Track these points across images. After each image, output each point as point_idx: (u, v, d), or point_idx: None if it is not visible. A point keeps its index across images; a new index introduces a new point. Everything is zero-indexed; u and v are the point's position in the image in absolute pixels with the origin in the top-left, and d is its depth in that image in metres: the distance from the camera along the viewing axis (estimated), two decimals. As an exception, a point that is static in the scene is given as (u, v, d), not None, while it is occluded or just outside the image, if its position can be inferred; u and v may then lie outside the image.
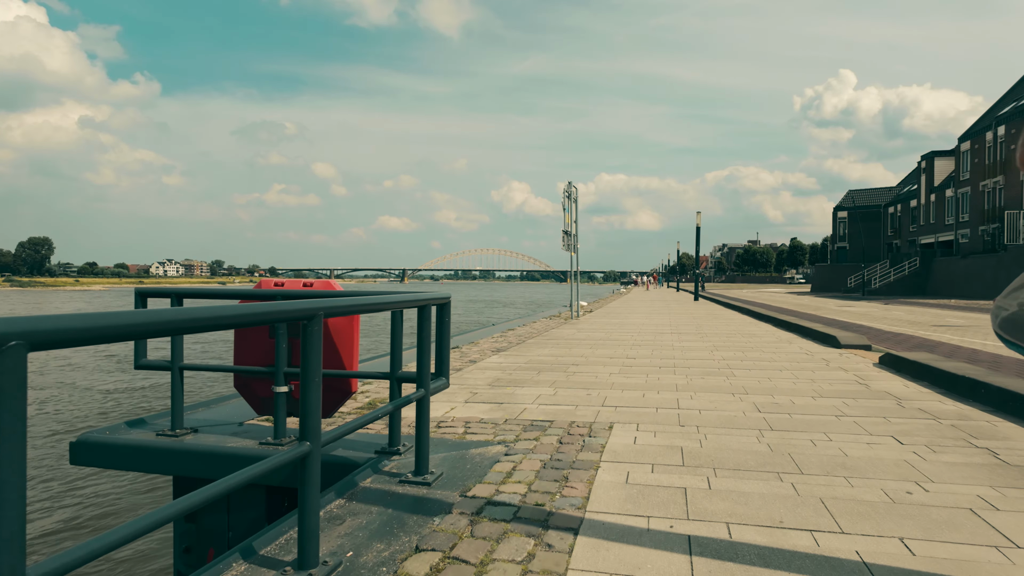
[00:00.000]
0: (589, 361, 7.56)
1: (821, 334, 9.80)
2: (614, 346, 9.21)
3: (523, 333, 11.54)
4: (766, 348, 8.92)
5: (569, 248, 15.63)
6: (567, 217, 15.47)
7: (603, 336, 10.87)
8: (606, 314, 17.95)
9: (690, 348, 8.95)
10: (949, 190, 42.58)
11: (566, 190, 15.29)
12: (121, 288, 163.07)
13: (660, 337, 10.69)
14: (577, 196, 16.90)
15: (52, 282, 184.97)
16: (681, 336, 10.91)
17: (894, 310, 21.20)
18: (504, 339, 10.37)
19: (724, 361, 7.49)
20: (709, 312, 19.12)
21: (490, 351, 8.61)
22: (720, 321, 14.90)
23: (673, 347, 9.05)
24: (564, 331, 11.94)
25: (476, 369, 6.86)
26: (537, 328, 12.79)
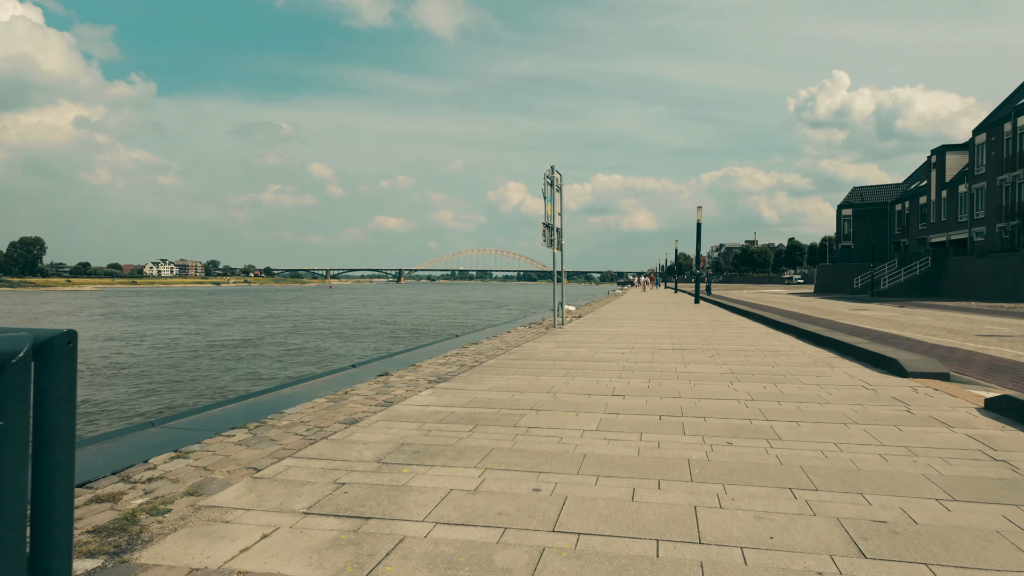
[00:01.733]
0: (558, 403, 5.22)
1: (870, 354, 7.48)
2: (598, 372, 6.87)
3: (487, 349, 9.21)
4: (804, 376, 6.58)
5: (552, 244, 13.30)
6: (549, 208, 13.14)
7: (586, 354, 8.55)
8: (596, 320, 15.62)
9: (700, 376, 6.61)
10: (963, 185, 40.33)
11: (547, 176, 12.96)
12: (113, 288, 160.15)
13: (659, 355, 8.36)
14: (562, 185, 14.56)
15: (43, 282, 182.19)
16: (685, 354, 8.58)
17: (917, 314, 18.89)
18: (458, 359, 8.05)
19: (754, 404, 5.16)
20: (714, 318, 16.80)
21: (427, 381, 6.29)
22: (730, 331, 12.57)
23: (677, 374, 6.72)
24: (539, 346, 9.61)
25: (383, 420, 4.53)
26: (509, 341, 10.47)
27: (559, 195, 14.37)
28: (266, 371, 16.31)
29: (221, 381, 14.72)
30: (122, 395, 12.79)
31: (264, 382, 13.65)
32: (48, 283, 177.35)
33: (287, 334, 29.73)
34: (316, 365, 17.89)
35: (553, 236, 13.22)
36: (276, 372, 16.26)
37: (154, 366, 17.90)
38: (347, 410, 4.86)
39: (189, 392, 13.14)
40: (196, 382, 14.57)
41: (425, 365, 7.41)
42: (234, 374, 15.87)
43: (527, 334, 11.73)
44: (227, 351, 21.31)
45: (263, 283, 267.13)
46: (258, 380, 14.60)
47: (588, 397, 5.41)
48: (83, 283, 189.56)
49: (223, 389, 13.45)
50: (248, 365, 17.57)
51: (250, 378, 15.03)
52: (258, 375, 15.58)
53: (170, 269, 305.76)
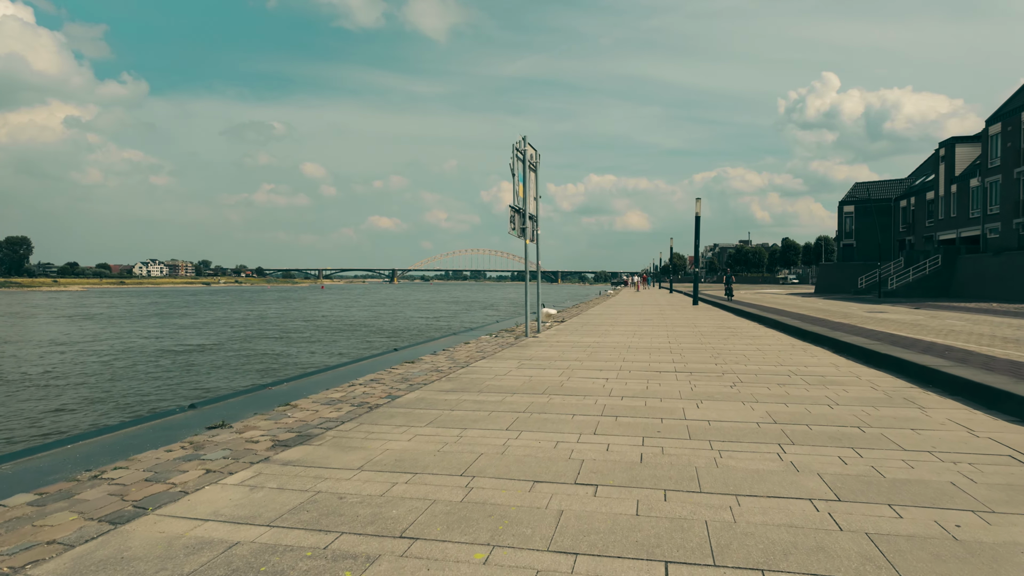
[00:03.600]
0: (464, 514, 2.70)
1: (966, 383, 5.00)
2: (561, 422, 4.37)
3: (420, 372, 6.70)
4: (896, 431, 4.09)
5: (524, 234, 10.79)
6: (519, 188, 10.64)
7: (554, 381, 6.04)
8: (580, 326, 13.12)
9: (726, 432, 4.11)
10: (974, 179, 38.06)
11: (517, 149, 10.45)
12: (99, 289, 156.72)
13: (657, 383, 5.86)
14: (538, 163, 12.05)
15: (30, 282, 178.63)
16: (694, 380, 6.08)
17: (943, 317, 16.42)
18: (365, 390, 5.53)
19: (851, 516, 2.64)
20: (719, 323, 14.32)
21: (270, 443, 3.77)
22: (743, 341, 10.09)
23: (688, 427, 4.22)
24: (495, 366, 7.11)
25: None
26: (459, 357, 7.96)
27: (534, 176, 11.86)
28: (195, 385, 13.74)
29: (114, 403, 12.12)
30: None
31: (152, 404, 11.14)
32: (34, 283, 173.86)
33: (254, 339, 27.20)
34: (263, 374, 15.36)
35: (524, 224, 10.70)
36: (210, 384, 13.72)
37: (72, 377, 15.30)
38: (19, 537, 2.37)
39: (69, 416, 10.55)
40: (92, 404, 11.99)
41: (303, 405, 4.89)
42: (150, 390, 13.27)
43: (488, 346, 9.24)
44: (173, 359, 18.72)
45: (254, 283, 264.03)
46: (168, 397, 12.05)
47: (528, 492, 2.89)
48: (70, 283, 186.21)
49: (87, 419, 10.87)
50: (179, 378, 14.98)
51: (168, 396, 12.47)
52: (178, 391, 13.00)
53: (160, 269, 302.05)
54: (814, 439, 3.80)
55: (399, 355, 8.38)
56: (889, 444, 3.69)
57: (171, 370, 16.29)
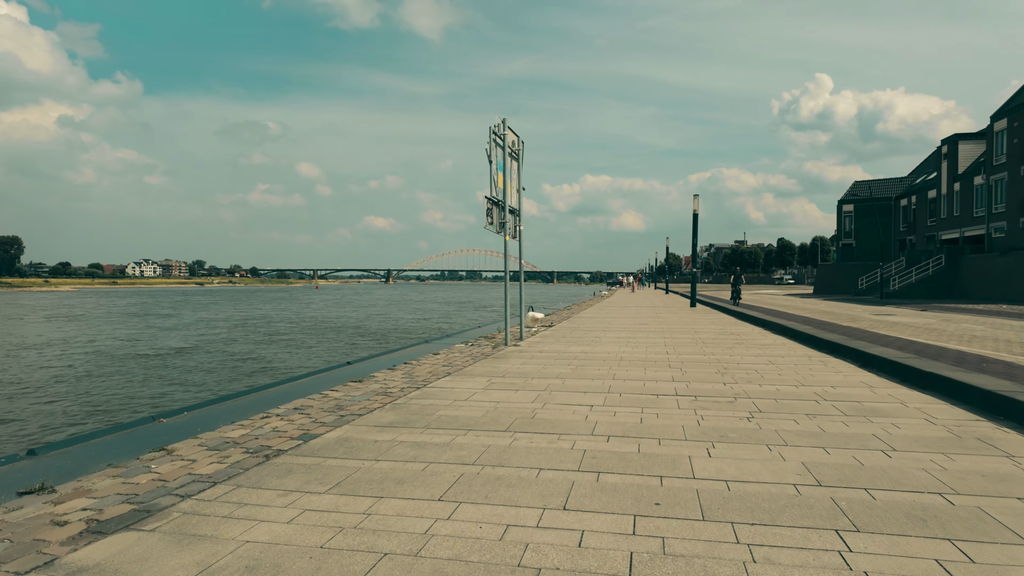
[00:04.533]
0: None
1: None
2: (521, 483, 3.14)
3: (363, 394, 5.44)
4: (997, 508, 2.88)
5: (502, 229, 9.55)
6: (499, 178, 9.40)
7: (526, 410, 4.81)
8: (569, 332, 11.90)
9: (754, 500, 2.89)
10: (979, 177, 37.01)
11: (496, 132, 9.21)
12: (91, 289, 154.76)
13: (654, 413, 4.64)
14: (521, 151, 10.83)
15: (20, 282, 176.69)
16: (702, 408, 4.86)
17: (958, 321, 15.27)
18: (279, 426, 4.29)
19: None
20: (721, 328, 13.12)
21: (83, 525, 2.53)
22: (752, 351, 8.88)
23: (698, 490, 3.00)
24: (459, 386, 5.87)
25: None
26: (419, 373, 6.72)
27: (517, 165, 10.64)
28: (135, 399, 12.43)
29: (55, 419, 10.81)
30: None
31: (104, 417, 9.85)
32: (25, 283, 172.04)
33: (231, 342, 25.92)
34: (228, 381, 14.10)
35: (504, 218, 9.46)
36: (156, 397, 12.43)
37: (21, 385, 13.98)
38: None
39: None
40: (25, 420, 10.68)
41: (181, 450, 3.64)
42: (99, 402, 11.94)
43: (459, 357, 8.00)
44: (134, 365, 17.42)
45: (248, 283, 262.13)
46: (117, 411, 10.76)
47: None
48: (61, 283, 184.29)
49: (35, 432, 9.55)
50: (123, 390, 13.67)
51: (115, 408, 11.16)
52: (102, 409, 11.69)
53: (153, 269, 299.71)
54: (885, 519, 2.58)
55: (350, 370, 7.14)
56: (1001, 532, 2.47)
57: (122, 380, 14.99)
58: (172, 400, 11.75)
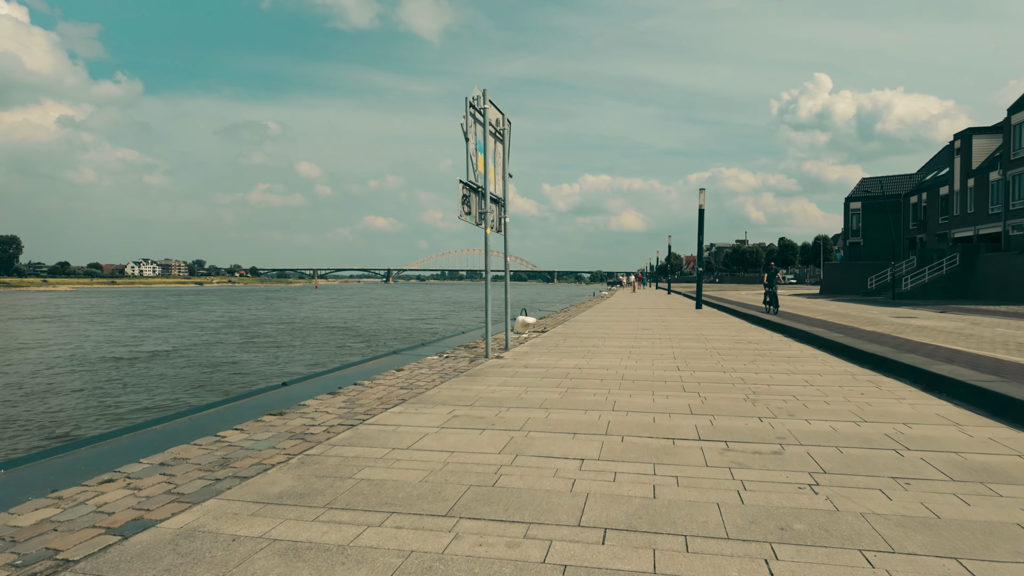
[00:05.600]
0: None
1: None
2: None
3: (269, 437, 3.98)
4: None
5: (482, 221, 8.09)
6: (479, 161, 7.95)
7: (489, 465, 3.37)
8: (563, 340, 10.45)
9: None
10: (994, 172, 35.50)
11: (474, 106, 7.75)
12: (89, 289, 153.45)
13: (671, 484, 3.19)
14: (507, 132, 9.38)
15: (18, 282, 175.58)
16: (738, 467, 3.41)
17: (991, 325, 13.77)
18: (108, 501, 2.86)
19: None
20: (734, 334, 11.66)
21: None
22: (780, 367, 7.42)
23: None
24: (408, 421, 4.41)
25: None
26: (366, 400, 5.27)
27: (502, 148, 9.19)
28: (70, 414, 10.97)
29: None
30: None
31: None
32: (23, 283, 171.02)
33: (215, 344, 24.53)
34: (193, 392, 12.69)
35: (485, 208, 7.99)
36: (84, 417, 10.99)
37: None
38: None
39: None
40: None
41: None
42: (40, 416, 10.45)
43: (426, 375, 6.57)
44: (97, 371, 15.98)
45: (248, 283, 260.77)
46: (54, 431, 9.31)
47: None
48: (59, 283, 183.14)
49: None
50: (67, 402, 12.20)
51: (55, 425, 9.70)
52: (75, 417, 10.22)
53: (152, 269, 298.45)
54: None
55: (281, 395, 5.69)
56: None
57: (55, 392, 13.53)
58: (86, 419, 10.28)
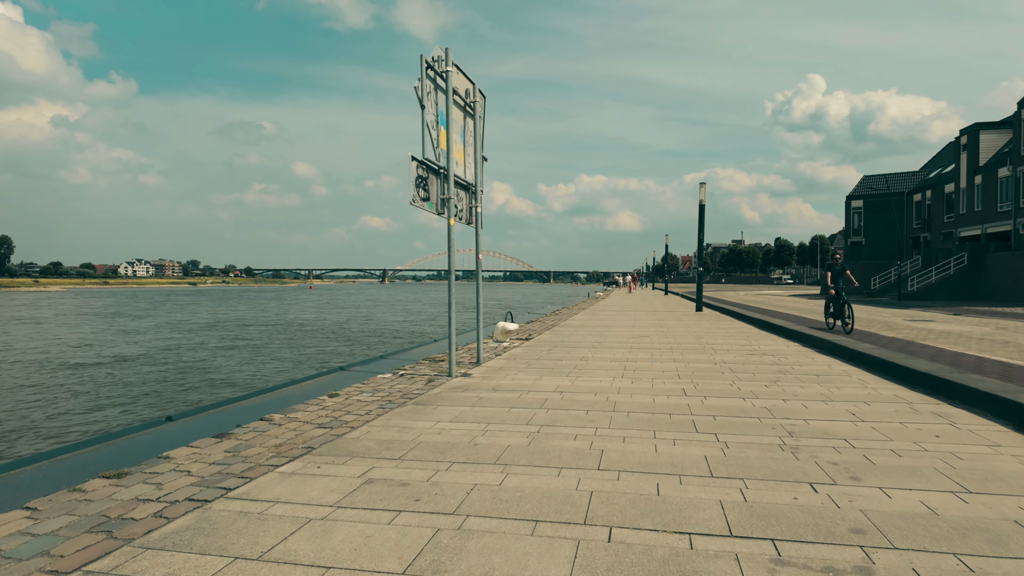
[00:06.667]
0: None
1: None
2: None
3: (91, 517, 2.56)
4: None
5: (443, 208, 6.63)
6: (442, 136, 6.50)
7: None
8: (546, 351, 8.98)
9: None
10: (1003, 169, 34.20)
11: (433, 66, 6.29)
12: (80, 289, 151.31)
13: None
14: (476, 104, 7.92)
15: (9, 283, 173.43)
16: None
17: (1021, 330, 12.35)
18: None
19: None
20: (743, 342, 10.22)
21: None
22: (810, 389, 5.99)
23: None
24: (289, 502, 2.97)
25: None
26: (255, 452, 3.80)
27: (473, 124, 7.73)
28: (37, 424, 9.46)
29: None
30: None
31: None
32: (14, 283, 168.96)
33: (191, 348, 23.06)
34: (121, 408, 11.22)
35: (447, 193, 6.53)
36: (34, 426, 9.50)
37: None
38: None
39: None
40: None
41: None
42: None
43: (364, 403, 5.11)
44: (56, 378, 14.48)
45: (242, 283, 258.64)
46: None
47: None
48: (51, 283, 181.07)
49: None
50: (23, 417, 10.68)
51: None
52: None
53: (146, 269, 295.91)
54: None
55: (153, 435, 4.22)
56: None
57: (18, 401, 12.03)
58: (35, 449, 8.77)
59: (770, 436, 4.06)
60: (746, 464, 3.44)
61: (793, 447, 3.79)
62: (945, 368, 6.07)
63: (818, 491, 3.01)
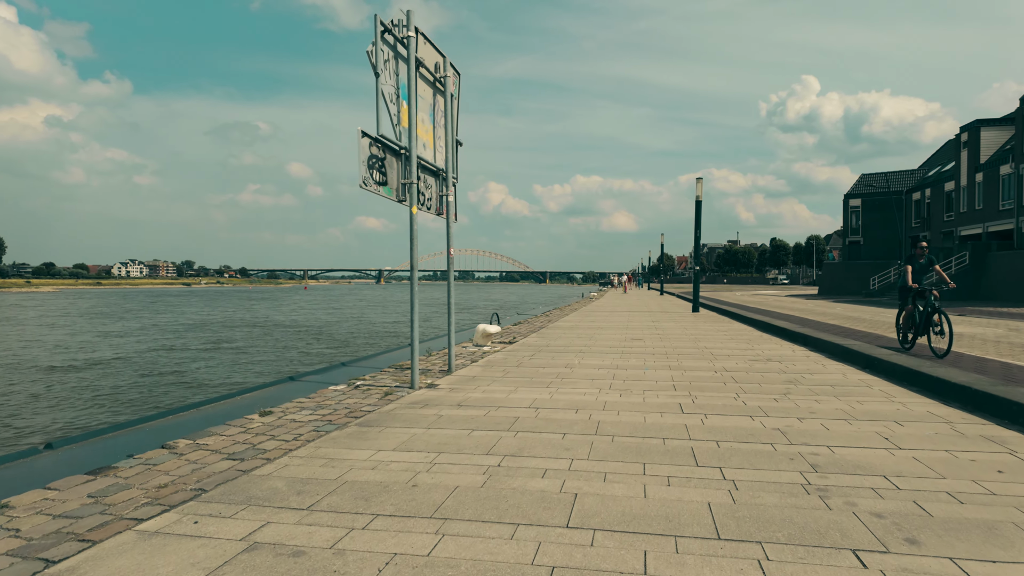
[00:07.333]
0: None
1: None
2: None
3: None
4: None
5: (404, 195, 5.79)
6: (403, 111, 5.67)
7: None
8: (529, 357, 8.14)
9: None
10: (1005, 166, 33.50)
11: (389, 31, 5.44)
12: (72, 290, 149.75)
13: None
14: (448, 79, 7.08)
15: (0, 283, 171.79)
16: None
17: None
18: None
19: None
20: (745, 346, 9.40)
21: None
22: (831, 406, 5.15)
23: None
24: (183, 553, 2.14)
25: None
26: (125, 497, 2.97)
27: (444, 102, 6.88)
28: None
29: None
30: None
31: None
32: (5, 284, 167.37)
33: (171, 350, 22.20)
34: (127, 409, 10.36)
35: (409, 177, 5.68)
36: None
37: None
38: None
39: None
40: None
41: None
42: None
43: (305, 419, 4.25)
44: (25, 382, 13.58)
45: (237, 284, 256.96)
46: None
47: None
48: (43, 284, 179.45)
49: None
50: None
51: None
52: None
53: (140, 270, 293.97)
54: None
55: (11, 473, 3.38)
56: None
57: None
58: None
59: (789, 471, 3.23)
60: (763, 517, 2.60)
61: (821, 489, 2.95)
62: (983, 379, 5.24)
63: (868, 566, 2.17)
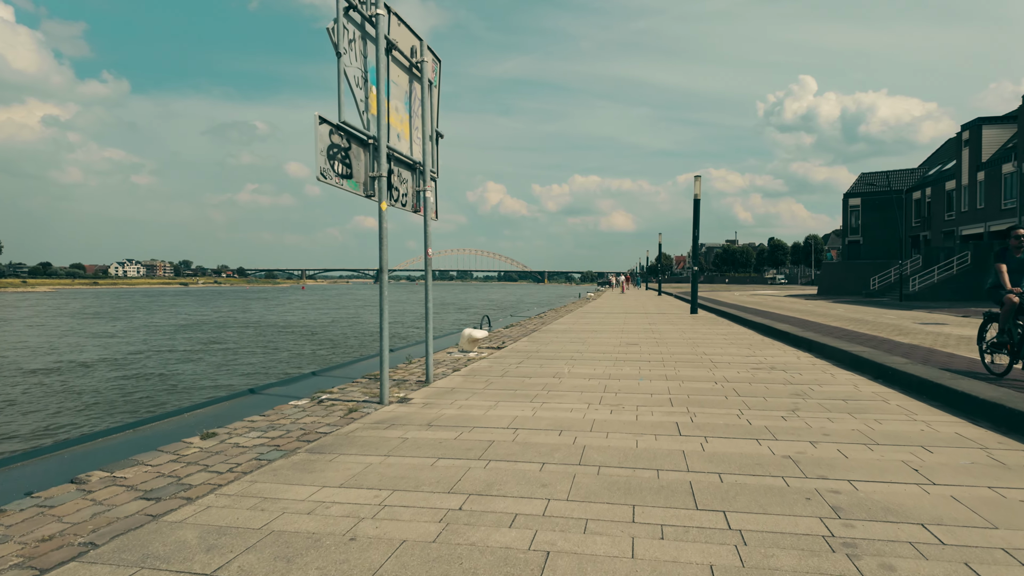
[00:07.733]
0: None
1: None
2: None
3: None
4: None
5: (371, 189, 5.26)
6: (372, 97, 5.13)
7: None
8: (515, 365, 7.59)
9: None
10: (1007, 165, 33.02)
11: (354, 7, 4.89)
12: (68, 290, 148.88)
13: None
14: (424, 65, 6.53)
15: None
16: None
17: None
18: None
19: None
20: (747, 352, 8.85)
21: None
22: (866, 437, 4.60)
23: None
24: None
25: None
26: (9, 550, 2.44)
27: (420, 90, 6.33)
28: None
29: None
30: None
31: None
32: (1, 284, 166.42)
33: (162, 352, 21.67)
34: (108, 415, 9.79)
35: (379, 170, 5.14)
36: None
37: None
38: None
39: None
40: None
41: None
42: None
43: (249, 444, 3.70)
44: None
45: (234, 284, 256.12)
46: None
47: None
48: (39, 284, 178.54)
49: None
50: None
51: None
52: None
53: (137, 270, 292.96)
54: None
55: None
56: None
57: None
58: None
59: (806, 516, 2.69)
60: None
61: (848, 544, 2.41)
62: (1016, 395, 4.70)
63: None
